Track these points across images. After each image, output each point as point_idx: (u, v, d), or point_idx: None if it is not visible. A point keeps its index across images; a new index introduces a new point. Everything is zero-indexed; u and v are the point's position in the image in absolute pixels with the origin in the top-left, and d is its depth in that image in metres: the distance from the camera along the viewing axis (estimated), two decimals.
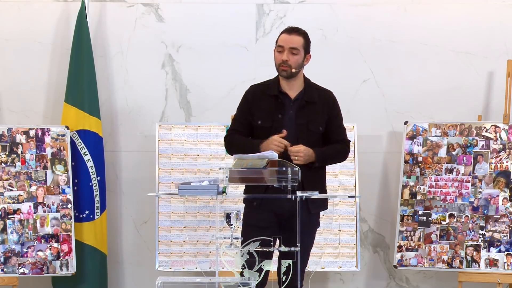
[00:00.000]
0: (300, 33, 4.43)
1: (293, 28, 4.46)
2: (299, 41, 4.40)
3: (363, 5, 5.67)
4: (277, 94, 4.43)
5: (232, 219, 3.80)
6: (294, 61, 4.37)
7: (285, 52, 4.37)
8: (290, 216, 4.22)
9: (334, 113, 4.50)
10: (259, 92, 4.48)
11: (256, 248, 3.85)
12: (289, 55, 4.36)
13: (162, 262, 5.31)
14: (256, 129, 4.43)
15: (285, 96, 4.43)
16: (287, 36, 4.40)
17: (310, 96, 4.44)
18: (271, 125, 4.37)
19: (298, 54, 4.38)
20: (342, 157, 4.56)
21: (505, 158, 5.30)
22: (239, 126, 4.49)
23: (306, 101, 4.42)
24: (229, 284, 3.76)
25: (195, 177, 5.27)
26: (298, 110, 4.40)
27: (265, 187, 4.07)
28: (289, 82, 4.43)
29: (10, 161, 5.28)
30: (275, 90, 4.44)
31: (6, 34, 5.64)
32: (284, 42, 4.39)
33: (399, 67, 5.67)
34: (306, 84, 4.48)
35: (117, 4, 5.66)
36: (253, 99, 4.47)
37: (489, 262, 5.26)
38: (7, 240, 5.22)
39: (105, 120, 5.60)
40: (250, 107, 4.46)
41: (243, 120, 4.48)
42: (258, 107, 4.44)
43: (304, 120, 4.38)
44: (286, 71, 4.38)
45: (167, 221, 5.34)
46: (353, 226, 5.34)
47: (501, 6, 5.66)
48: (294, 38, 4.39)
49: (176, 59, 5.68)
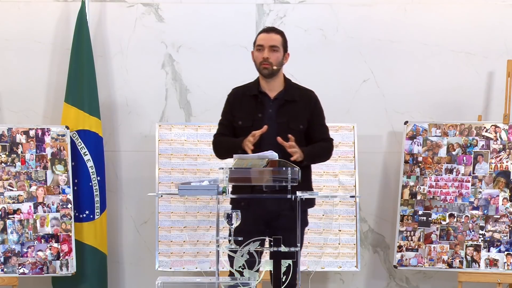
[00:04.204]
0: (278, 32, 4.51)
1: (270, 27, 4.58)
2: (278, 39, 4.47)
3: (363, 5, 5.67)
4: (257, 94, 4.48)
5: (232, 219, 3.80)
6: (275, 59, 4.43)
7: (265, 50, 4.42)
8: (276, 216, 4.23)
9: (316, 112, 4.53)
10: (240, 93, 4.56)
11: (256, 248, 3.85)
12: (270, 53, 4.42)
13: (162, 262, 5.31)
14: (238, 129, 4.47)
15: (265, 95, 4.48)
16: (266, 35, 4.48)
17: (290, 95, 4.48)
18: (252, 125, 4.40)
19: (278, 52, 4.45)
20: (328, 155, 4.58)
21: (505, 158, 5.30)
22: (223, 129, 4.56)
23: (286, 100, 4.46)
24: (229, 284, 3.76)
25: (195, 177, 5.27)
26: (278, 109, 4.44)
27: (251, 187, 4.06)
28: (269, 82, 4.48)
29: (10, 161, 5.28)
30: (254, 90, 4.50)
31: (6, 34, 5.64)
32: (264, 40, 4.45)
33: (399, 67, 5.67)
34: (286, 83, 4.53)
35: (117, 4, 5.67)
36: (234, 101, 4.55)
37: (489, 262, 5.26)
38: (7, 240, 5.22)
39: (105, 120, 5.60)
40: (232, 109, 4.54)
41: (227, 122, 4.55)
42: (239, 108, 4.50)
43: (284, 118, 4.41)
44: (267, 69, 4.43)
45: (167, 221, 5.34)
46: (353, 226, 5.34)
47: (501, 6, 5.66)
48: (273, 36, 4.46)
49: (176, 59, 5.68)
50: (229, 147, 4.42)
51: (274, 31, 4.51)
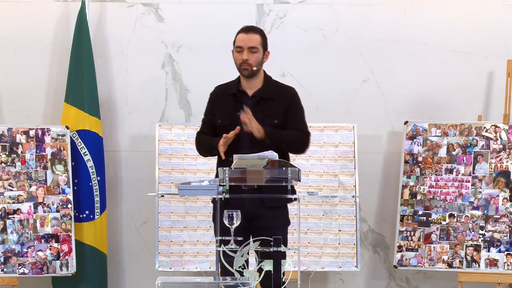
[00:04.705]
0: (256, 31, 4.50)
1: (249, 27, 4.53)
2: (257, 39, 4.46)
3: (363, 5, 5.67)
4: (236, 93, 4.50)
5: (233, 219, 3.79)
6: (254, 60, 4.44)
7: (244, 52, 4.43)
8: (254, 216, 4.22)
9: (292, 106, 4.50)
10: (221, 92, 4.59)
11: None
12: (249, 54, 4.43)
13: (162, 262, 5.31)
14: (218, 128, 4.50)
15: (243, 94, 4.49)
16: (245, 35, 4.47)
17: (267, 93, 4.48)
18: (230, 123, 4.41)
19: (257, 52, 4.45)
20: (299, 145, 4.48)
21: (505, 158, 5.30)
22: (205, 127, 4.60)
23: (262, 97, 4.47)
24: (229, 284, 3.76)
25: (195, 177, 5.27)
26: (255, 106, 4.45)
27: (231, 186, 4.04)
28: (250, 81, 4.49)
29: (10, 161, 5.28)
30: (234, 88, 4.52)
31: (6, 34, 5.64)
32: (243, 42, 4.45)
33: (399, 67, 5.67)
34: (265, 81, 4.53)
35: (117, 4, 5.67)
36: (215, 100, 4.59)
37: (489, 262, 5.26)
38: (7, 240, 5.22)
39: (105, 120, 5.60)
40: (213, 107, 4.57)
41: (208, 121, 4.59)
42: (219, 106, 4.54)
43: (260, 115, 4.41)
44: (247, 70, 4.44)
45: (167, 221, 5.34)
46: (353, 226, 5.34)
47: (501, 6, 5.66)
48: (251, 37, 4.46)
49: (176, 59, 5.68)
50: (207, 146, 4.50)
51: (253, 31, 4.49)
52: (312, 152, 5.34)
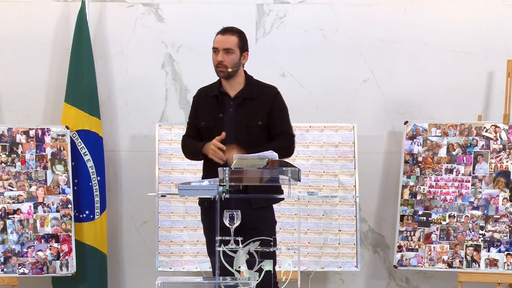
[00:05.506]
0: (234, 32, 4.47)
1: (227, 28, 4.50)
2: (234, 40, 4.44)
3: (363, 5, 5.67)
4: (217, 94, 4.49)
5: (233, 219, 3.79)
6: (230, 61, 4.42)
7: (219, 53, 4.42)
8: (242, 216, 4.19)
9: (276, 106, 4.49)
10: (203, 94, 4.58)
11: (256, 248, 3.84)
12: (224, 56, 4.41)
13: (162, 262, 5.31)
14: (201, 130, 4.50)
15: (225, 95, 4.49)
16: (221, 37, 4.46)
17: (249, 93, 4.48)
18: (214, 125, 4.43)
19: (233, 54, 4.43)
20: (285, 152, 4.43)
21: (505, 158, 5.30)
22: (190, 130, 4.60)
23: (244, 97, 4.46)
24: (229, 284, 3.76)
25: (195, 177, 5.27)
26: (238, 107, 4.45)
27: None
28: (230, 82, 4.49)
29: (10, 161, 5.28)
30: (216, 90, 4.51)
31: (6, 34, 5.64)
32: (218, 43, 4.45)
33: (399, 67, 5.67)
34: (247, 81, 4.52)
35: (117, 4, 5.66)
36: (198, 102, 4.58)
37: (489, 262, 5.26)
38: (7, 240, 5.22)
39: (105, 120, 5.61)
40: (196, 110, 4.56)
41: (192, 124, 4.59)
42: (202, 108, 4.53)
43: (243, 116, 4.42)
44: (223, 72, 4.44)
45: (167, 221, 5.34)
46: (353, 226, 5.34)
47: (501, 6, 5.66)
48: (228, 38, 4.44)
49: (176, 59, 5.68)
50: (191, 150, 4.52)
51: (230, 32, 4.46)
52: (312, 152, 5.35)
